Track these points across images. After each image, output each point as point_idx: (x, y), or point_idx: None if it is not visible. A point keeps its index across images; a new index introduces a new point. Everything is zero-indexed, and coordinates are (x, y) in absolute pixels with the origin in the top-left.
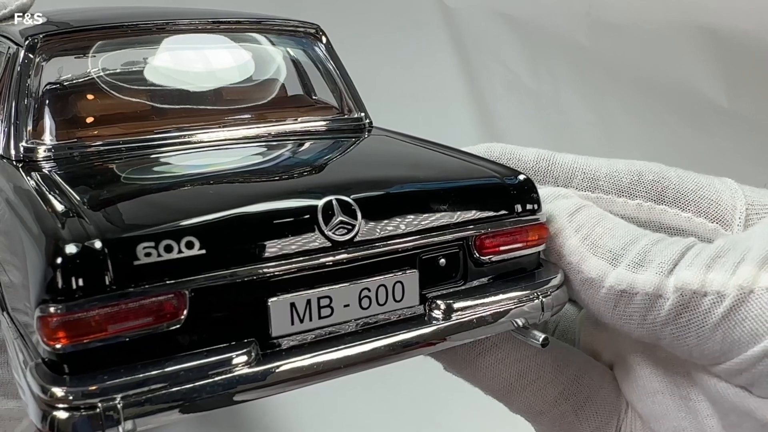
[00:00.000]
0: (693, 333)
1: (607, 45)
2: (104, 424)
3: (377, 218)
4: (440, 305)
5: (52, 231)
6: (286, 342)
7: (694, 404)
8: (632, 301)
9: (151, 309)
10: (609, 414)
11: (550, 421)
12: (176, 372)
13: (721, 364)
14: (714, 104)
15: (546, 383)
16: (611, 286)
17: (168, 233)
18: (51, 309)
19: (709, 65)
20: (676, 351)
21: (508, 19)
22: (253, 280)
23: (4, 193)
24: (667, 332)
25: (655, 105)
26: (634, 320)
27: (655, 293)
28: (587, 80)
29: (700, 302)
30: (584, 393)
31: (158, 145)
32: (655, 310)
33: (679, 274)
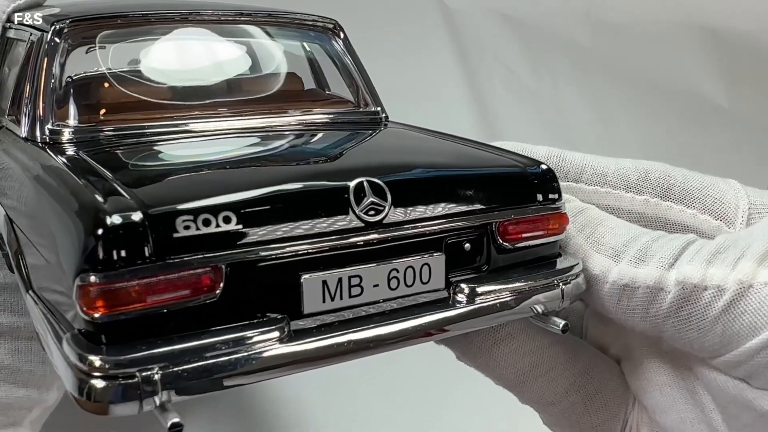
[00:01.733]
0: (694, 326)
1: (607, 45)
2: (142, 394)
3: (406, 201)
4: (465, 289)
5: (93, 203)
6: (317, 319)
7: (700, 397)
8: (635, 295)
9: (188, 282)
10: (617, 406)
11: (559, 411)
12: (212, 345)
13: (721, 357)
14: (714, 104)
15: (558, 374)
16: (614, 281)
17: (206, 208)
18: (91, 278)
19: (709, 65)
20: (678, 344)
21: (508, 19)
22: (287, 256)
23: (30, 173)
24: (669, 325)
25: (655, 105)
26: (637, 314)
27: (656, 287)
28: (587, 80)
29: (701, 296)
30: (593, 385)
31: (181, 132)
32: (656, 304)
33: (681, 268)
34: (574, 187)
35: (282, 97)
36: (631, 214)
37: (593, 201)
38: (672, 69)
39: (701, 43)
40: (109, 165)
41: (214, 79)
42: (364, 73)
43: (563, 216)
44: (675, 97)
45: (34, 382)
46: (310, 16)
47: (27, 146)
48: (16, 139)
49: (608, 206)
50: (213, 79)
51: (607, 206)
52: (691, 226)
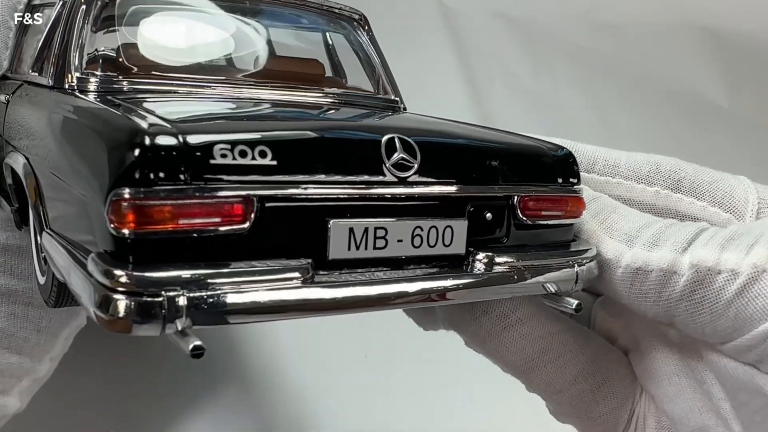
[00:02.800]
0: (707, 309)
1: (607, 45)
2: (166, 315)
3: (434, 162)
4: (483, 257)
5: (131, 124)
6: (341, 266)
7: (708, 387)
8: (648, 279)
9: (220, 208)
10: (624, 396)
11: (567, 399)
12: (238, 278)
13: (732, 342)
14: (714, 104)
15: (566, 362)
16: (627, 265)
17: (243, 140)
18: (125, 194)
19: (709, 65)
20: (689, 329)
21: (508, 19)
22: (317, 198)
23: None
24: (682, 308)
25: (655, 105)
26: (650, 298)
27: (670, 270)
28: (587, 80)
29: (715, 279)
30: (602, 374)
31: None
32: (670, 287)
33: (695, 252)
34: (586, 177)
35: (304, 79)
36: (642, 205)
37: (605, 191)
38: (672, 69)
39: (701, 43)
40: (141, 105)
41: (242, 52)
42: (386, 65)
43: (581, 200)
44: (675, 97)
45: (27, 350)
46: (338, 4)
47: (53, 93)
48: (41, 90)
49: (619, 197)
50: (240, 53)
51: (618, 197)
52: (701, 218)
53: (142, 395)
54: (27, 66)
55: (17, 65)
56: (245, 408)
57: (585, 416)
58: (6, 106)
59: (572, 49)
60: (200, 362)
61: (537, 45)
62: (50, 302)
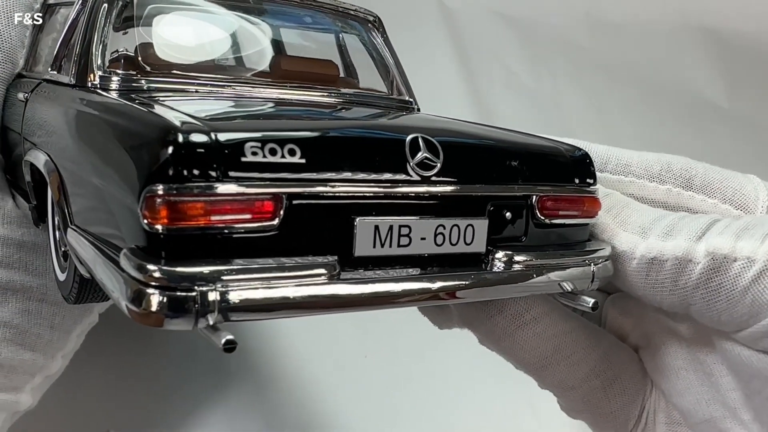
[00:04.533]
0: (723, 296)
1: (607, 45)
2: (199, 310)
3: (456, 162)
4: (502, 255)
5: (164, 122)
6: (366, 264)
7: (717, 379)
8: (663, 268)
9: (251, 206)
10: (635, 392)
11: (579, 396)
12: (267, 272)
13: (748, 329)
14: (714, 104)
15: (579, 359)
16: (642, 255)
17: (273, 138)
18: (159, 190)
19: (709, 65)
20: (705, 317)
21: (508, 19)
22: (343, 196)
23: (84, 109)
24: (698, 296)
25: (655, 105)
26: (666, 287)
27: (685, 258)
28: (587, 80)
29: (731, 266)
30: (613, 371)
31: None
32: (685, 275)
33: (710, 240)
34: (599, 176)
35: (319, 80)
36: (654, 202)
37: (617, 190)
38: (672, 69)
39: (701, 43)
40: (167, 104)
41: (258, 52)
42: (400, 66)
43: (597, 201)
44: (675, 97)
45: (40, 347)
46: (353, 6)
47: (76, 91)
48: (62, 88)
49: (632, 195)
50: (256, 53)
51: (630, 195)
52: None
53: (143, 395)
54: (44, 64)
55: (32, 64)
56: (243, 408)
57: (597, 412)
58: (25, 104)
59: (572, 49)
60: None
61: (537, 45)
62: (70, 299)
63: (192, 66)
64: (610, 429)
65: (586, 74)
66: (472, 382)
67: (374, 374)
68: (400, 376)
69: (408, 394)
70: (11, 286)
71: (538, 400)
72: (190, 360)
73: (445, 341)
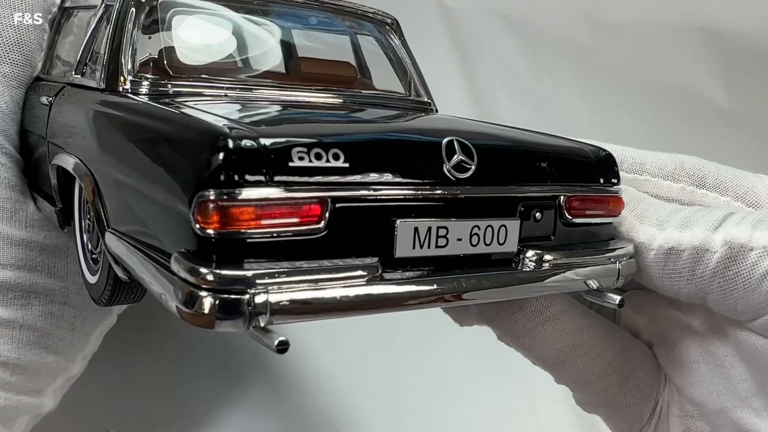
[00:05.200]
0: (740, 284)
1: (607, 45)
2: (251, 312)
3: (490, 164)
4: (532, 254)
5: (214, 128)
6: (405, 264)
7: (728, 370)
8: (680, 258)
9: (299, 210)
10: (649, 387)
11: (595, 391)
12: (315, 274)
13: (763, 317)
14: (714, 104)
15: (596, 355)
16: (660, 246)
17: (318, 143)
18: (211, 195)
19: (709, 65)
20: (721, 306)
21: (508, 19)
22: (385, 198)
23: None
24: (715, 285)
25: (655, 105)
26: (683, 276)
27: (702, 247)
28: (587, 80)
29: (747, 255)
30: (628, 367)
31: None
32: (703, 264)
33: (727, 230)
34: None
35: (338, 81)
36: (668, 200)
37: (633, 188)
38: (672, 69)
39: (701, 43)
40: (205, 109)
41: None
42: (418, 68)
43: (620, 200)
44: (675, 97)
45: (63, 349)
46: (371, 9)
47: (106, 95)
48: (91, 93)
49: (647, 193)
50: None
51: (645, 193)
52: None
53: (143, 395)
54: (63, 68)
55: (50, 67)
56: (243, 408)
57: (612, 407)
58: (49, 108)
59: (572, 49)
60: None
61: (537, 45)
62: (102, 301)
63: (217, 69)
64: (625, 423)
65: (586, 74)
66: (472, 382)
67: (374, 374)
68: (400, 376)
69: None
70: (34, 289)
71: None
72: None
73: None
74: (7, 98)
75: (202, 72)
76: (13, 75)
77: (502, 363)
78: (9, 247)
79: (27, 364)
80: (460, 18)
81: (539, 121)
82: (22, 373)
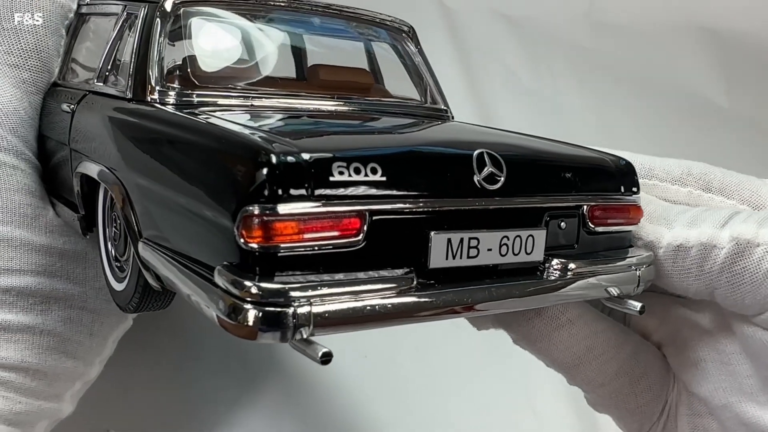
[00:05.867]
0: (747, 279)
1: (607, 45)
2: (296, 324)
3: (518, 175)
4: (557, 263)
5: (257, 143)
6: (439, 275)
7: (735, 367)
8: (689, 255)
9: (339, 223)
10: (659, 388)
11: (607, 393)
12: (355, 286)
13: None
14: (714, 104)
15: (609, 358)
16: (668, 243)
17: (357, 157)
18: (256, 210)
19: (709, 65)
20: (729, 301)
21: (508, 19)
22: (419, 211)
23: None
24: (723, 280)
25: (655, 105)
26: (692, 273)
27: (710, 243)
28: (587, 80)
29: (754, 251)
30: (640, 368)
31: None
32: (710, 260)
33: (734, 227)
34: None
35: (357, 88)
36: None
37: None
38: (672, 69)
39: (701, 43)
40: (234, 121)
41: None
42: (434, 75)
43: (639, 208)
44: (675, 97)
45: (81, 354)
46: (389, 17)
47: (133, 105)
48: (117, 102)
49: (656, 197)
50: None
51: (654, 197)
52: None
53: (143, 395)
54: (83, 74)
55: (66, 72)
56: (243, 408)
57: (623, 407)
58: (72, 115)
59: (572, 49)
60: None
61: (537, 45)
62: (130, 308)
63: (241, 78)
64: (636, 423)
65: (586, 74)
66: (472, 382)
67: (374, 374)
68: (400, 376)
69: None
70: (54, 294)
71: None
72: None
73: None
74: (26, 104)
75: (226, 81)
76: (31, 81)
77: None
78: (30, 253)
79: (47, 369)
80: (460, 18)
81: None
82: (42, 378)
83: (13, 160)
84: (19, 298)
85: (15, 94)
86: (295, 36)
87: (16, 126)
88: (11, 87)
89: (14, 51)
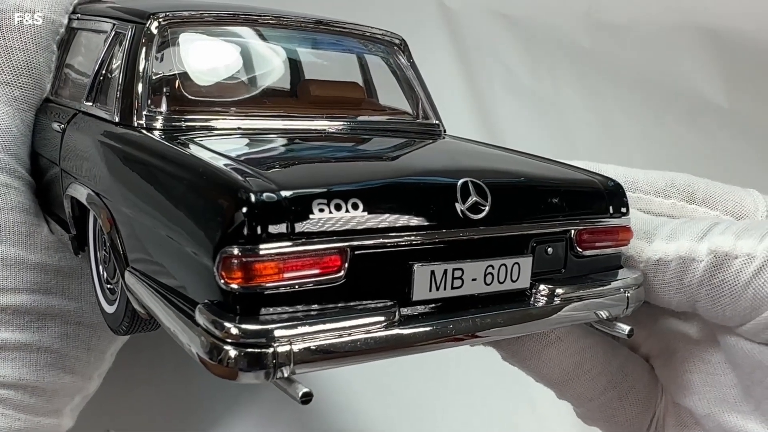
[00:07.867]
0: (727, 291)
1: (607, 45)
2: (276, 364)
3: (503, 203)
4: (544, 289)
5: (236, 181)
6: (423, 307)
7: (719, 378)
8: (668, 268)
9: (319, 261)
10: (648, 401)
11: (597, 407)
12: (336, 322)
13: (750, 322)
14: (714, 104)
15: (598, 372)
16: (648, 258)
17: (338, 193)
18: (234, 251)
19: (709, 65)
20: (710, 313)
21: (508, 19)
22: (402, 245)
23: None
24: (703, 293)
25: (655, 105)
26: (672, 286)
27: (688, 257)
28: (587, 80)
29: (732, 263)
30: (628, 382)
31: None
32: (690, 273)
33: (712, 239)
34: None
35: (347, 103)
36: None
37: None
38: (672, 69)
39: (701, 43)
40: (218, 151)
41: (288, 80)
42: (426, 89)
43: (629, 230)
44: (675, 97)
45: (79, 369)
46: (380, 30)
47: (120, 130)
48: (104, 124)
49: (640, 209)
50: (287, 80)
51: (639, 209)
52: None
53: (143, 395)
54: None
55: (58, 87)
56: (244, 408)
57: (613, 421)
58: (62, 135)
59: (572, 49)
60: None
61: (537, 45)
62: (121, 330)
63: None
64: None
65: (586, 74)
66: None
67: (374, 374)
68: (399, 376)
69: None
70: (50, 311)
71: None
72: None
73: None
74: (18, 122)
75: (214, 104)
76: (23, 98)
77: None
78: (25, 271)
79: (45, 385)
80: (460, 18)
81: (539, 121)
82: (40, 394)
83: (7, 178)
84: (15, 316)
85: (7, 111)
86: (284, 51)
87: (8, 144)
88: (3, 105)
89: (5, 68)
